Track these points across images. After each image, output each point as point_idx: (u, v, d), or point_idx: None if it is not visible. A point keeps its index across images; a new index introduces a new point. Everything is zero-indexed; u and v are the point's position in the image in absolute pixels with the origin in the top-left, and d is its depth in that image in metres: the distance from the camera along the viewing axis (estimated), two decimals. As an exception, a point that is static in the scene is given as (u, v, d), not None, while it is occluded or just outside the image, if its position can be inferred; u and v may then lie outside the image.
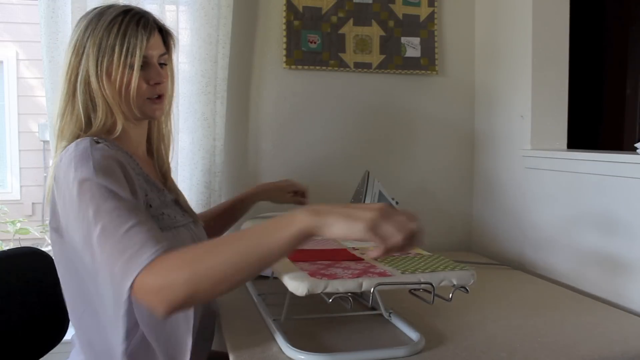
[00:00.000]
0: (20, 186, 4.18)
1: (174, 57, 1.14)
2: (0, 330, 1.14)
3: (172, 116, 1.16)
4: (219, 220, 1.37)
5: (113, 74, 0.98)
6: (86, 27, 1.00)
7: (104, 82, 0.98)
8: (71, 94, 0.99)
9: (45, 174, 4.15)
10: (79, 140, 0.93)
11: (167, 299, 0.76)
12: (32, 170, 4.17)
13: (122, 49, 0.97)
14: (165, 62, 1.06)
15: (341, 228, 0.75)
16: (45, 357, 1.24)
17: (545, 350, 0.96)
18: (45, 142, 4.06)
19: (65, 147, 0.95)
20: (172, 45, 1.10)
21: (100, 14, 1.01)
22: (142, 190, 0.96)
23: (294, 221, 0.76)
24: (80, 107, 0.99)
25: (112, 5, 1.03)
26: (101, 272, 0.85)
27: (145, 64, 1.01)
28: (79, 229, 0.86)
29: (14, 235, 3.65)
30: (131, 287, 0.77)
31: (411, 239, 0.77)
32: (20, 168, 4.17)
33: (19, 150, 4.17)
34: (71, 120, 0.99)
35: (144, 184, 0.99)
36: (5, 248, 2.28)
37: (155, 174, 1.12)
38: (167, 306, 0.76)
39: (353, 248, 1.06)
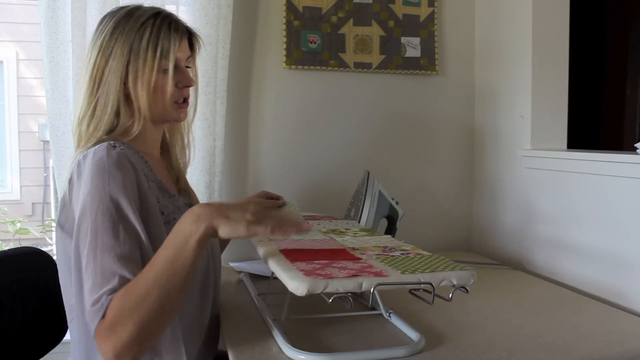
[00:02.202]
0: (20, 186, 4.17)
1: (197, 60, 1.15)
2: (1, 330, 1.14)
3: (194, 119, 1.16)
4: None
5: (146, 76, 0.98)
6: (114, 28, 0.99)
7: (132, 85, 0.98)
8: (95, 93, 0.99)
9: (45, 174, 4.15)
10: (97, 147, 0.92)
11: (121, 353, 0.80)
12: (32, 170, 4.17)
13: (156, 52, 0.98)
14: (189, 65, 1.07)
15: (226, 231, 0.84)
16: (45, 357, 1.24)
17: (545, 350, 0.96)
18: (45, 142, 4.06)
19: (84, 147, 0.96)
20: (197, 48, 1.10)
21: (129, 14, 1.00)
22: (154, 198, 0.97)
23: (190, 236, 0.83)
24: (102, 107, 0.99)
25: (139, 6, 1.03)
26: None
27: (174, 67, 1.02)
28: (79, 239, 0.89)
29: (14, 235, 3.64)
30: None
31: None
32: (20, 168, 4.17)
33: (19, 150, 4.16)
34: (92, 119, 0.99)
35: (157, 191, 1.00)
36: (5, 248, 2.28)
37: (168, 175, 1.13)
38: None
39: (353, 248, 1.06)
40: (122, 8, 1.03)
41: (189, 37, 1.08)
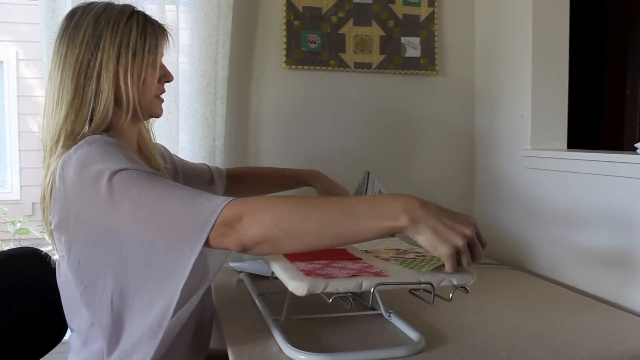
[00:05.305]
0: (20, 186, 4.17)
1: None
2: (0, 330, 1.14)
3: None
4: (260, 183, 1.44)
5: (137, 70, 0.98)
6: (96, 21, 0.97)
7: (123, 78, 0.97)
8: (80, 89, 0.96)
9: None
10: (88, 138, 0.91)
11: (247, 231, 0.78)
12: (32, 170, 4.17)
13: (145, 47, 0.99)
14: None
15: (427, 243, 0.79)
16: (45, 357, 1.24)
17: (545, 350, 0.96)
18: (45, 142, 4.05)
19: (69, 146, 0.92)
20: (167, 47, 1.09)
21: (107, 9, 0.99)
22: None
23: (392, 217, 0.78)
24: (90, 103, 0.96)
25: (111, 1, 1.02)
26: (159, 236, 0.84)
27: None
28: (115, 216, 0.85)
29: (14, 235, 3.64)
30: (215, 223, 0.78)
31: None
32: (20, 168, 4.17)
33: (19, 150, 4.16)
34: (78, 117, 0.96)
35: None
36: (5, 248, 2.28)
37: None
38: (243, 240, 0.79)
39: (365, 251, 1.06)
40: (93, 3, 1.01)
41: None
